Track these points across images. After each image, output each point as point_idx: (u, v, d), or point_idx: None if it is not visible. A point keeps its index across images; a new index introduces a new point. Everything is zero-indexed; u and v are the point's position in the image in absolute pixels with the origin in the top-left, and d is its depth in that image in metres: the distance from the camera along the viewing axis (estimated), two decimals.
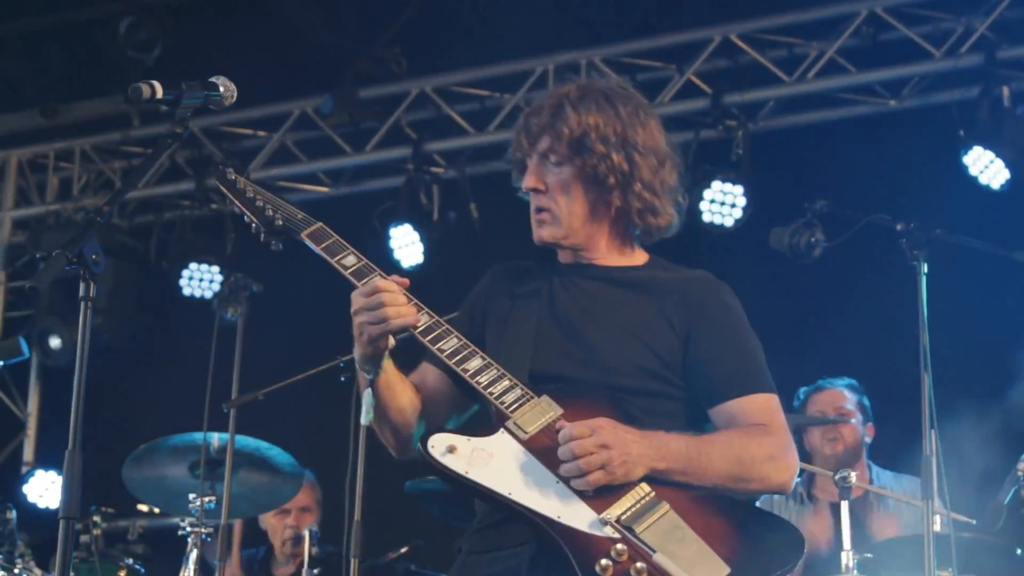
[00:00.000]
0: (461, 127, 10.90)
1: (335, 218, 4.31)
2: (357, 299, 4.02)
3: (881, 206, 6.78)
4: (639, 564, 3.72)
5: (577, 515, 3.81)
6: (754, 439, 4.03)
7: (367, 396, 4.12)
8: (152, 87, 3.97)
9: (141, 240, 11.80)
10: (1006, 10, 9.53)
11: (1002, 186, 9.28)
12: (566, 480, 3.84)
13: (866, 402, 8.19)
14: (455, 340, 4.04)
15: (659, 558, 3.72)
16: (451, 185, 10.90)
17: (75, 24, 10.84)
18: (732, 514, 3.92)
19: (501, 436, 3.93)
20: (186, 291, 11.06)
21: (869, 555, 6.76)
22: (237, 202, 4.36)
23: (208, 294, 10.90)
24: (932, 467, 5.99)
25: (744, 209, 9.71)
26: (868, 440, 8.16)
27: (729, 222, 9.73)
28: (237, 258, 11.05)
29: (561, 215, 4.22)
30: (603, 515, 3.79)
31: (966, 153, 9.31)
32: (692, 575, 3.71)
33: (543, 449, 3.88)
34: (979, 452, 7.85)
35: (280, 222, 4.29)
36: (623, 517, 3.79)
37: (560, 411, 3.95)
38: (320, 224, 4.27)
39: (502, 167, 4.42)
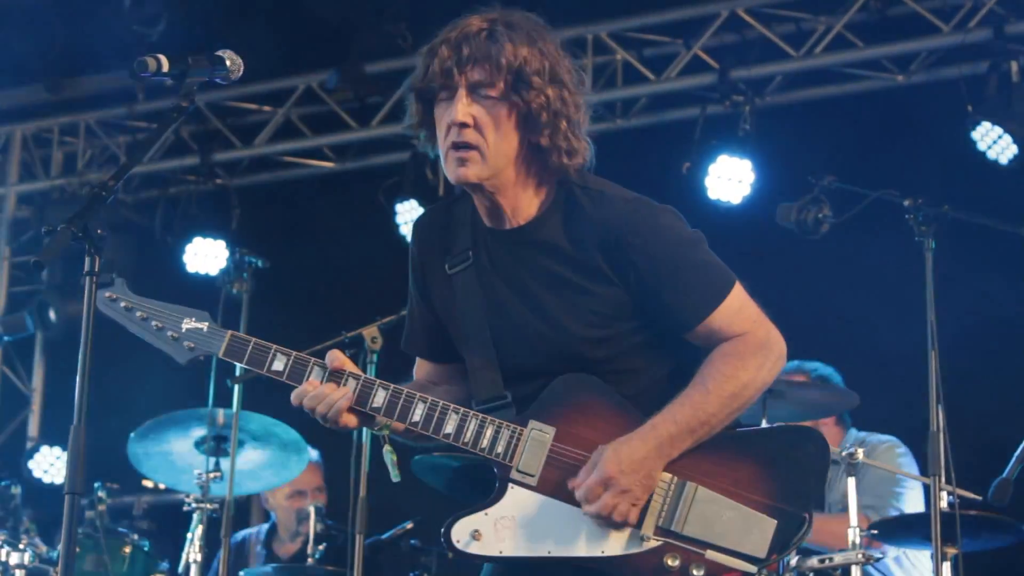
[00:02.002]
0: None
1: (341, 193, 4.29)
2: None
3: (889, 182, 6.77)
4: (696, 571, 3.77)
5: (618, 541, 3.84)
6: (737, 360, 3.93)
7: (386, 455, 4.09)
8: (158, 61, 3.95)
9: (146, 215, 11.79)
10: None
11: (1010, 161, 9.25)
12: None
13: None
14: (422, 406, 3.97)
15: (711, 555, 3.77)
16: None
17: None
18: (751, 452, 3.92)
19: (513, 493, 3.91)
20: (191, 267, 11.05)
21: (875, 531, 6.77)
22: (132, 329, 4.13)
23: (213, 270, 10.89)
24: (940, 443, 5.99)
25: (751, 185, 9.70)
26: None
27: (736, 198, 9.72)
28: (242, 234, 11.06)
29: (489, 153, 3.94)
30: (642, 532, 3.82)
31: (974, 128, 9.28)
32: (745, 549, 3.76)
33: (556, 486, 3.89)
34: (986, 428, 7.85)
35: (191, 345, 4.11)
36: (660, 522, 3.82)
37: (552, 432, 3.91)
38: (230, 333, 4.08)
39: None
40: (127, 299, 4.10)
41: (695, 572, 3.76)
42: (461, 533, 3.90)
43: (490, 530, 3.89)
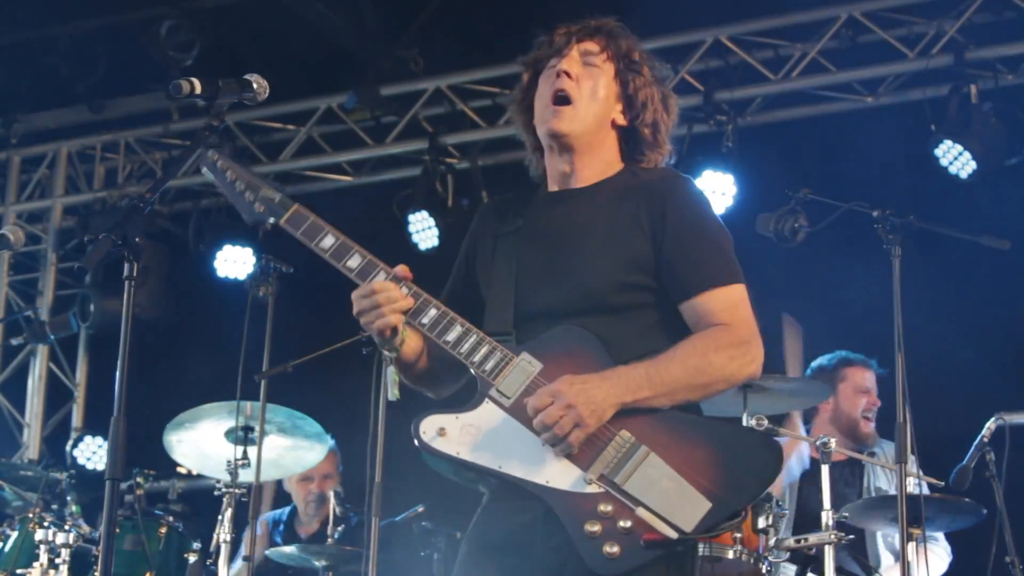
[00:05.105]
0: (473, 121, 10.88)
1: (358, 205, 4.27)
2: (357, 301, 3.97)
3: (859, 194, 6.76)
4: (623, 522, 3.66)
5: (564, 476, 3.74)
6: (711, 342, 3.86)
7: (390, 373, 4.02)
8: (191, 83, 3.95)
9: (180, 225, 11.79)
10: (974, 14, 9.53)
11: (969, 176, 9.26)
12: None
13: None
14: (434, 311, 3.92)
15: (641, 512, 3.66)
16: (464, 175, 10.88)
17: (120, 26, 10.84)
18: (711, 440, 3.79)
19: (486, 407, 3.85)
20: (221, 272, 11.05)
21: (846, 514, 6.76)
22: (221, 189, 4.19)
23: (241, 275, 10.88)
24: (906, 434, 5.99)
25: (734, 197, 9.70)
26: None
27: (720, 209, 9.72)
28: (268, 241, 11.01)
29: (580, 110, 4.05)
30: (587, 474, 3.73)
31: (937, 146, 9.29)
32: (674, 519, 3.65)
33: (526, 413, 3.79)
34: (948, 420, 7.85)
35: (260, 208, 4.12)
36: (606, 471, 3.72)
37: (539, 367, 3.85)
38: (296, 207, 4.09)
39: (511, 158, 4.37)
40: (228, 164, 4.17)
41: (622, 523, 3.64)
42: (429, 427, 3.82)
43: (455, 432, 3.81)
